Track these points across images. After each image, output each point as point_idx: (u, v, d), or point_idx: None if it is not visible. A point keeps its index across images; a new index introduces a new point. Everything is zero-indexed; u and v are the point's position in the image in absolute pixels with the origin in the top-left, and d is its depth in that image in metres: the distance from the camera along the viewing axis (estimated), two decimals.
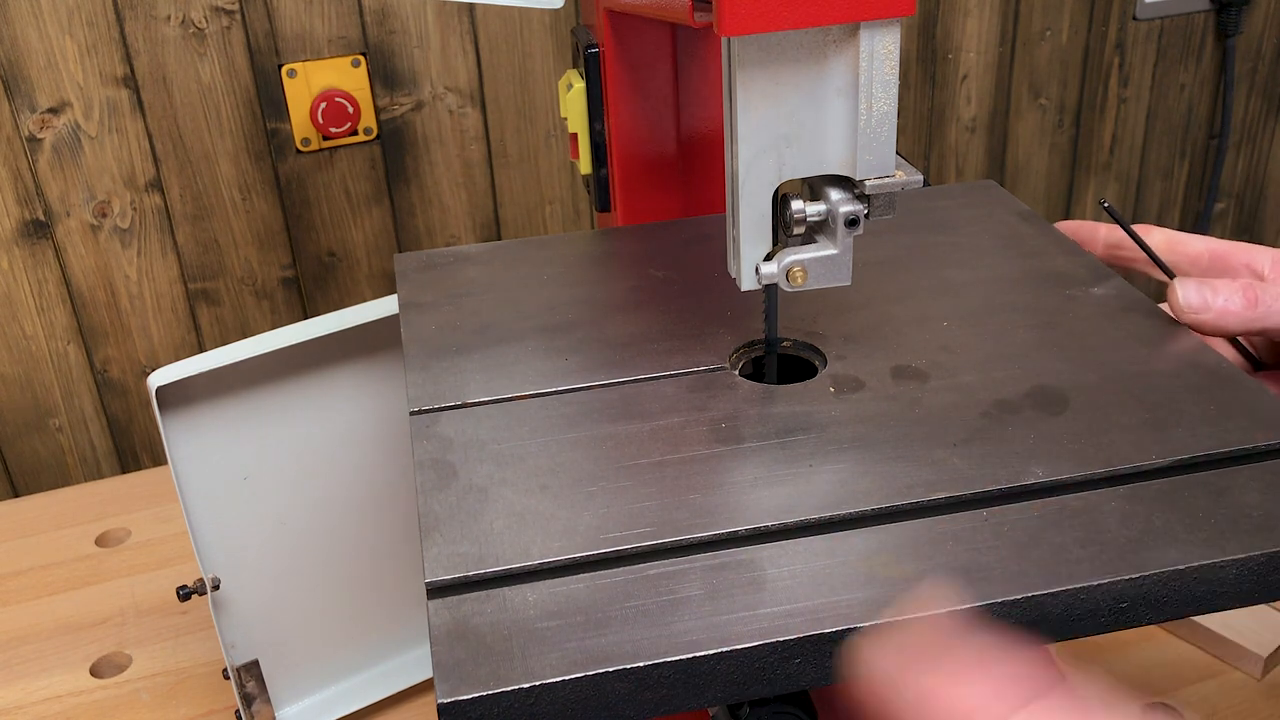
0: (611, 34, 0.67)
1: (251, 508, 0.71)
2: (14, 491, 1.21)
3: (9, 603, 0.92)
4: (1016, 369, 0.55)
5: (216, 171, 1.17)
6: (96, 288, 1.17)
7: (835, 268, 0.51)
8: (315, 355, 0.69)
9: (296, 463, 0.71)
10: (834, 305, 0.60)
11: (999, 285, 0.63)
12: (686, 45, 0.70)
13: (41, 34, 1.07)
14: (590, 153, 0.72)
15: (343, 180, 1.22)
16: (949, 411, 0.52)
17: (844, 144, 0.48)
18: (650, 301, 0.63)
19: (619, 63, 0.69)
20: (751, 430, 0.51)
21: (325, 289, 1.26)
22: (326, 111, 1.16)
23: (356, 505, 0.74)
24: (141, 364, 1.21)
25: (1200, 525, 0.44)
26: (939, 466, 0.48)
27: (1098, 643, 0.81)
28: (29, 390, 1.18)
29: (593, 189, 0.73)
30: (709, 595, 0.42)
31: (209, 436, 0.68)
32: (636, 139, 0.71)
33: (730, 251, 0.52)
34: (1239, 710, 0.75)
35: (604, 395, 0.55)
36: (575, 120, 0.71)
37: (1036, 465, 0.48)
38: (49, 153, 1.10)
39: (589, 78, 0.69)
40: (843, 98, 0.47)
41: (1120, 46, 1.54)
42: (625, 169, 0.72)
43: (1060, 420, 0.51)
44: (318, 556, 0.74)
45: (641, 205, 0.73)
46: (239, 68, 1.15)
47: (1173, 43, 1.57)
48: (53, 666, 0.85)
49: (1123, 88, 1.57)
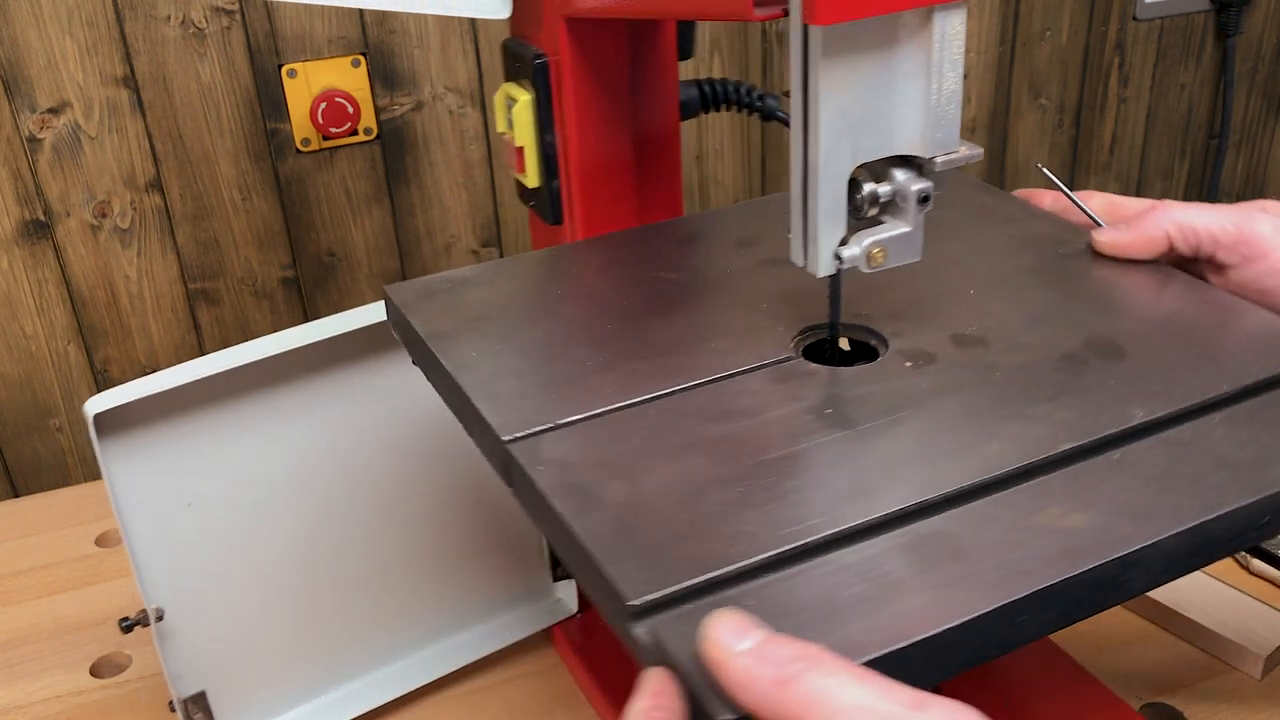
0: (570, 41, 0.66)
1: (196, 534, 0.68)
2: (14, 491, 1.21)
3: (9, 603, 0.92)
4: (1061, 325, 0.57)
5: (216, 171, 1.17)
6: (96, 288, 1.17)
7: (909, 245, 0.53)
8: (258, 376, 0.67)
9: (243, 486, 0.68)
10: (865, 287, 0.60)
11: (997, 253, 0.65)
12: (641, 47, 0.69)
13: (41, 34, 1.07)
14: (541, 165, 0.70)
15: (343, 180, 1.23)
16: (1025, 371, 0.54)
17: (911, 125, 0.50)
18: (679, 304, 0.62)
19: (578, 70, 0.67)
20: (858, 413, 0.52)
21: (325, 289, 1.26)
22: (327, 112, 1.16)
23: (306, 528, 0.71)
24: (142, 364, 1.21)
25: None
26: (1049, 420, 0.50)
27: (1097, 643, 0.81)
28: (29, 390, 1.18)
29: (545, 202, 0.71)
30: (919, 570, 0.43)
31: (150, 462, 0.65)
32: (595, 146, 0.69)
33: (799, 240, 0.52)
34: (1239, 710, 0.75)
35: (692, 399, 0.53)
36: (522, 133, 0.69)
37: (1133, 407, 0.50)
38: (49, 153, 1.10)
39: (538, 88, 0.68)
40: (910, 80, 0.49)
41: (1120, 46, 1.54)
42: (584, 178, 0.70)
43: (1125, 365, 0.54)
44: (268, 582, 0.71)
45: (599, 213, 0.71)
46: (239, 68, 1.15)
47: (1173, 43, 1.57)
48: (53, 666, 0.85)
49: (1123, 88, 1.57)
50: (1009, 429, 0.50)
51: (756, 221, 0.72)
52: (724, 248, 0.68)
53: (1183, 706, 0.76)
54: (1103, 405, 0.51)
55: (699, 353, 0.57)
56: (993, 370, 0.54)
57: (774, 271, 0.65)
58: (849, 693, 0.35)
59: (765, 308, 0.61)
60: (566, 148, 0.69)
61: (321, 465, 0.70)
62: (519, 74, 0.69)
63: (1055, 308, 0.59)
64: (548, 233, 0.74)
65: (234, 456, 0.67)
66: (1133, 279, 0.62)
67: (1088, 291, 0.61)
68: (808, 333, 0.59)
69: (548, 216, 0.71)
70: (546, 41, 0.67)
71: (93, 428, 0.62)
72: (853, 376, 0.55)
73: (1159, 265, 0.62)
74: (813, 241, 0.51)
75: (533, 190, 0.71)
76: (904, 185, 0.51)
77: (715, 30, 1.34)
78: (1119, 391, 0.52)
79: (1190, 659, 0.80)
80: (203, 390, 0.65)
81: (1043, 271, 0.62)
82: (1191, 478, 0.46)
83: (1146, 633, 0.82)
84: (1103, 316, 0.58)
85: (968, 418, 0.51)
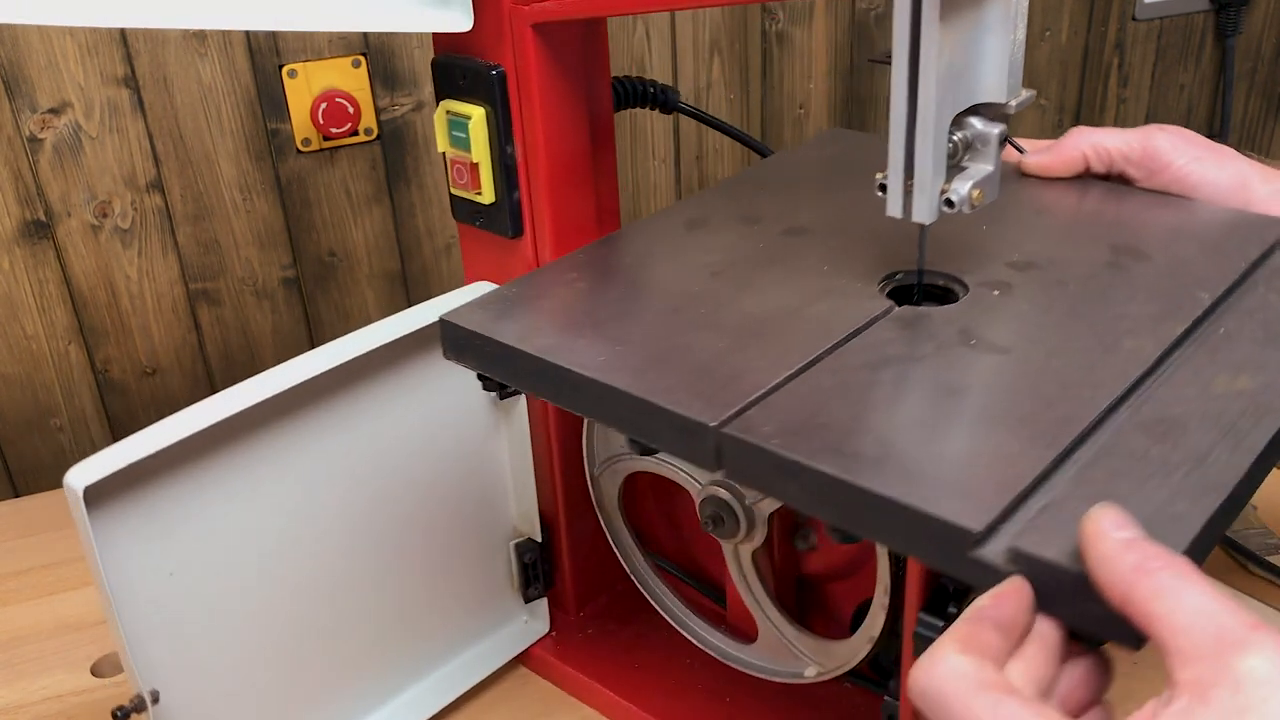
0: (537, 48, 0.65)
1: (186, 605, 0.63)
2: (14, 491, 1.21)
3: (9, 603, 0.92)
4: (1084, 241, 0.64)
5: (217, 172, 1.17)
6: (97, 288, 1.17)
7: (993, 184, 0.57)
8: (235, 428, 0.62)
9: (220, 549, 0.64)
10: (900, 237, 0.64)
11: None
12: (588, 46, 0.69)
13: (42, 34, 1.07)
14: (501, 178, 0.69)
15: (343, 180, 1.23)
16: (1087, 280, 0.60)
17: (994, 73, 0.55)
18: (744, 282, 0.63)
19: (545, 76, 0.66)
20: (998, 336, 0.56)
21: (326, 289, 1.26)
22: (327, 112, 1.17)
23: (288, 586, 0.67)
24: (142, 364, 1.21)
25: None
26: (1146, 315, 0.56)
27: None
28: (30, 390, 1.18)
29: (503, 216, 0.70)
30: (1165, 445, 0.47)
31: (133, 531, 0.60)
32: (562, 150, 0.69)
33: (897, 194, 0.56)
34: None
35: (845, 357, 0.55)
36: (479, 149, 0.68)
37: (1197, 291, 0.57)
38: (50, 153, 1.10)
39: (495, 102, 0.66)
40: (993, 33, 0.54)
41: (1120, 47, 1.54)
42: (552, 183, 0.69)
43: (1157, 263, 0.61)
44: (267, 648, 0.68)
45: (567, 216, 0.71)
46: (239, 68, 1.15)
47: (1172, 43, 1.57)
48: (53, 666, 0.85)
49: (1122, 88, 1.57)
50: (1125, 325, 0.55)
51: (735, 202, 0.73)
52: (735, 226, 0.69)
53: None
54: (1172, 295, 0.57)
55: (808, 318, 0.59)
56: (1065, 285, 0.60)
57: (799, 241, 0.67)
58: (1196, 598, 0.38)
59: (826, 270, 0.63)
60: (531, 157, 0.68)
61: (292, 520, 0.67)
62: (467, 90, 0.68)
63: (1066, 230, 0.66)
64: (496, 248, 0.72)
65: (210, 518, 0.63)
66: (1101, 196, 0.70)
67: (1078, 214, 0.68)
68: (884, 283, 0.62)
69: (506, 230, 0.70)
70: (504, 52, 0.66)
71: (82, 503, 0.56)
72: (964, 310, 0.59)
73: (1125, 185, 0.70)
74: (921, 190, 0.55)
75: (487, 206, 0.70)
76: (985, 130, 0.56)
77: (715, 31, 1.34)
78: (1174, 282, 0.59)
79: None
80: (175, 452, 0.60)
81: (1027, 203, 0.69)
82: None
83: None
84: (1107, 230, 0.65)
85: (1085, 325, 0.56)
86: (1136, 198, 0.69)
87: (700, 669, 0.76)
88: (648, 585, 0.76)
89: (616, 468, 0.73)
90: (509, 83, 0.66)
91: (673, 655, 0.78)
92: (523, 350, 0.58)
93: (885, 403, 0.52)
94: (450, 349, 0.61)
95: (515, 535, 0.79)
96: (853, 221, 0.69)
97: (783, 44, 1.38)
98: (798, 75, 1.40)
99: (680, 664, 0.77)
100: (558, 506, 0.79)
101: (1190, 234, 0.64)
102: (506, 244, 0.72)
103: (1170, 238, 0.63)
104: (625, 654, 0.79)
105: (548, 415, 0.76)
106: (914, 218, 0.56)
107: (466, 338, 0.60)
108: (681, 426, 0.52)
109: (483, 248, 0.74)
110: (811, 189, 0.75)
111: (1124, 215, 0.67)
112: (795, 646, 0.69)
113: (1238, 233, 0.63)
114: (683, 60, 1.34)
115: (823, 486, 0.47)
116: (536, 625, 0.81)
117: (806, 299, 0.61)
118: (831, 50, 1.40)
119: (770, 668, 0.71)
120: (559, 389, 0.57)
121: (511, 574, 0.80)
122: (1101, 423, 0.49)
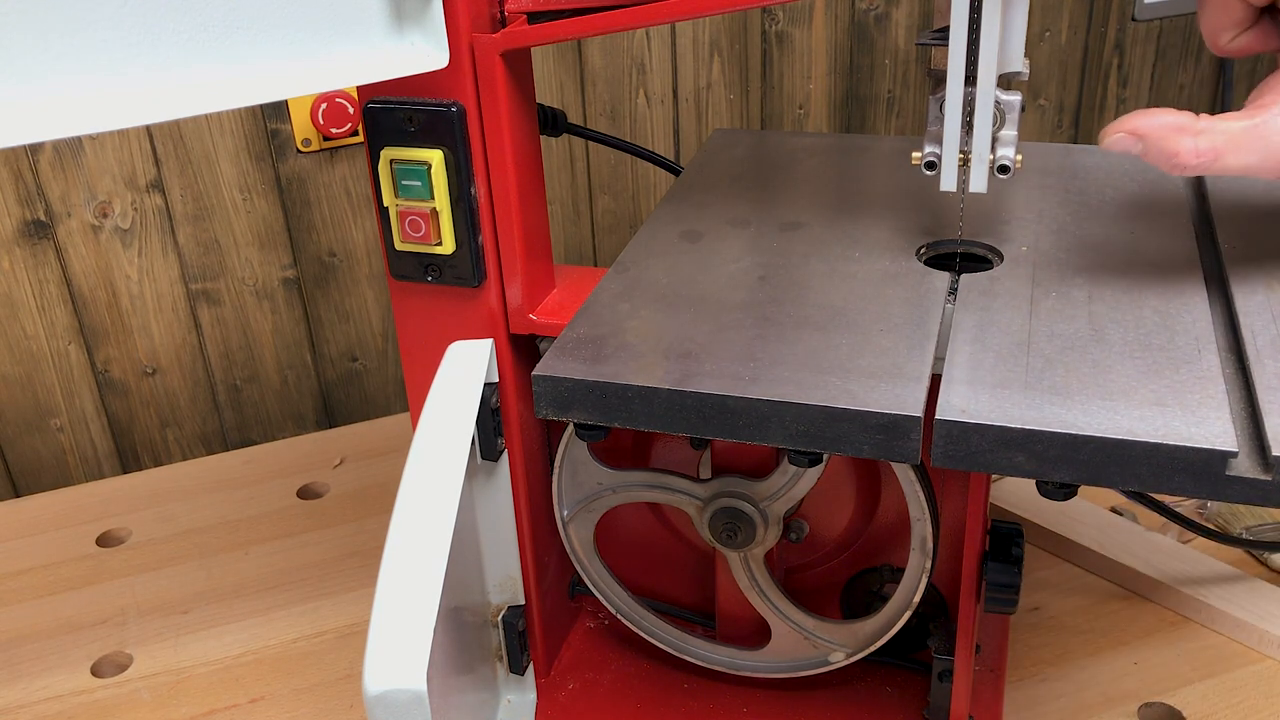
0: (506, 78, 0.60)
1: None
2: (15, 491, 1.21)
3: (9, 603, 0.92)
4: (1073, 212, 0.70)
5: (217, 172, 1.17)
6: (97, 288, 1.17)
7: (1017, 149, 0.61)
8: None
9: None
10: (896, 213, 0.70)
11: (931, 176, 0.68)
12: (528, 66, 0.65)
13: None
14: (464, 224, 0.63)
15: (343, 181, 1.23)
16: (1109, 230, 0.67)
17: (1015, 44, 0.58)
18: (791, 278, 0.64)
19: (514, 107, 0.61)
20: (1052, 290, 0.61)
21: (326, 289, 1.26)
22: (327, 112, 1.17)
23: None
24: (142, 364, 1.21)
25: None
26: (1182, 251, 0.64)
27: (1096, 641, 0.81)
28: (30, 390, 1.18)
29: (465, 264, 0.64)
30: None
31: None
32: (530, 185, 0.65)
33: (951, 169, 0.59)
34: (1239, 710, 0.75)
35: (974, 325, 0.58)
36: (440, 197, 0.62)
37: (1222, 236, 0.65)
38: (50, 153, 1.11)
39: (457, 141, 0.61)
40: (1017, 7, 0.57)
41: (1119, 47, 1.54)
42: (525, 220, 0.64)
43: (1159, 220, 0.69)
44: None
45: (535, 255, 0.66)
46: None
47: (1172, 43, 1.57)
48: (53, 666, 0.85)
49: (1122, 88, 1.57)
50: (1172, 264, 0.62)
51: (702, 210, 0.73)
52: (731, 231, 0.70)
53: (1182, 706, 0.76)
54: (1173, 230, 0.66)
55: (891, 299, 0.61)
56: (1076, 232, 0.66)
57: (805, 234, 0.68)
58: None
59: (858, 257, 0.65)
60: (500, 196, 0.63)
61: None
62: (419, 135, 0.61)
63: (1043, 189, 0.72)
64: (451, 303, 0.66)
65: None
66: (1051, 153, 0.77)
67: (1061, 180, 0.74)
68: (921, 253, 0.66)
69: (469, 280, 0.64)
70: (463, 87, 0.60)
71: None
72: (1007, 273, 0.63)
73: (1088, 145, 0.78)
74: (979, 161, 0.59)
75: (447, 257, 0.64)
76: (1010, 99, 0.59)
77: (715, 31, 1.34)
78: (1175, 226, 0.66)
79: (1190, 658, 0.80)
80: None
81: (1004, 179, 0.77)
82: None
83: (1147, 632, 0.82)
84: (1078, 181, 0.72)
85: (1140, 269, 0.62)
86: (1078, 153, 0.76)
87: (699, 689, 0.75)
88: (636, 620, 0.74)
89: (592, 508, 0.71)
90: (468, 120, 0.61)
91: (669, 684, 0.76)
92: (664, 389, 0.54)
93: (1072, 356, 0.54)
94: (552, 406, 0.57)
95: (497, 608, 0.72)
96: (837, 209, 0.71)
97: (782, 44, 1.38)
98: (797, 75, 1.40)
99: (679, 690, 0.76)
100: (526, 564, 0.73)
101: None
102: (464, 295, 0.66)
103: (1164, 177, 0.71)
104: (623, 697, 0.76)
105: (514, 469, 0.70)
106: (971, 189, 0.59)
107: (573, 389, 0.56)
108: (881, 425, 0.52)
109: (432, 305, 0.67)
110: (757, 187, 0.76)
111: (1069, 165, 0.74)
112: (817, 636, 0.69)
113: None
114: (682, 61, 1.34)
115: (1064, 447, 0.49)
116: (527, 697, 0.75)
117: (870, 284, 0.62)
118: (831, 50, 1.40)
119: (789, 664, 0.71)
120: (706, 418, 0.54)
121: (500, 650, 0.73)
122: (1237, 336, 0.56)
